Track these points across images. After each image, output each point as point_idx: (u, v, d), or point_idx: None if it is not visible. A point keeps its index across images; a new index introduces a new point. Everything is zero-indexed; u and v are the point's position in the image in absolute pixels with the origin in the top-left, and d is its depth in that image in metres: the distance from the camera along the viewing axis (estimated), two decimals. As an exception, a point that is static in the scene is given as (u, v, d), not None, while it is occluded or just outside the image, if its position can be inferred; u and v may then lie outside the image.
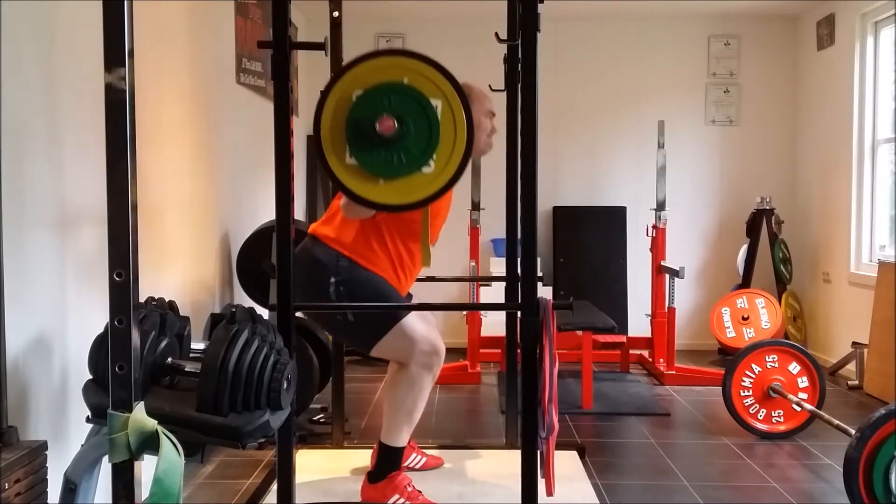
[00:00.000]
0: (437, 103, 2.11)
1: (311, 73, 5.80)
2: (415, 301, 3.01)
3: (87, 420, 1.86)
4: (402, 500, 2.73)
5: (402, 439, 2.78)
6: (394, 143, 2.09)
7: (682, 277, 4.92)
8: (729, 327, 5.58)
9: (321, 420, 3.87)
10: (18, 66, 2.05)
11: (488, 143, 3.01)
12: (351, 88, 2.11)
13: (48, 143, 2.24)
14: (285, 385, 1.86)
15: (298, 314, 2.59)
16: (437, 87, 2.12)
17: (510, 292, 3.24)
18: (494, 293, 5.31)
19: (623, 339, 5.32)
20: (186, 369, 1.90)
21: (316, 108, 2.11)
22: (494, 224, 5.23)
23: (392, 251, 2.78)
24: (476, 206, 5.22)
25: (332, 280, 2.68)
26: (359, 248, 2.73)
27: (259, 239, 3.82)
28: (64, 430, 2.29)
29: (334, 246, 2.74)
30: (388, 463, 2.77)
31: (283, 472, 2.30)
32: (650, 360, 5.32)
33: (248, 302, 3.84)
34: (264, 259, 3.70)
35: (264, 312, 2.92)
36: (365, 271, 2.73)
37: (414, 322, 2.72)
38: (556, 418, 2.22)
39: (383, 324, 2.70)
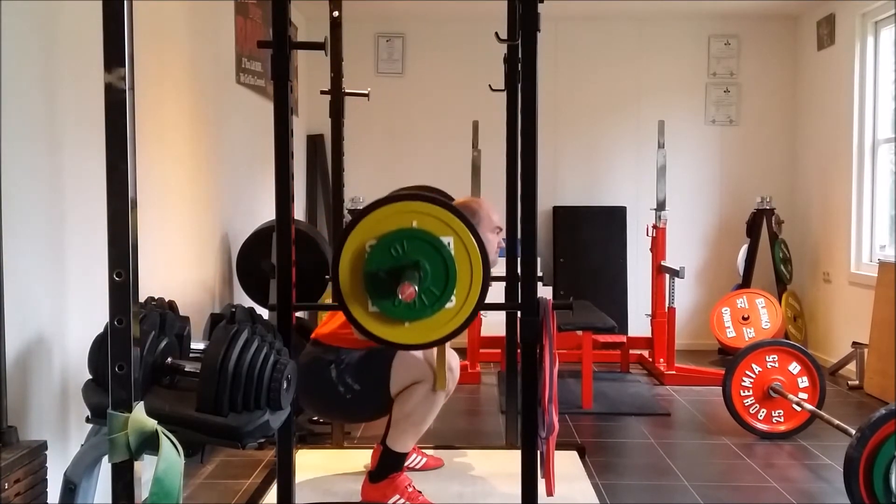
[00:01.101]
0: (448, 240, 2.13)
1: (311, 73, 5.81)
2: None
3: (87, 420, 1.86)
4: (402, 501, 2.73)
5: (407, 446, 2.79)
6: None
7: (682, 277, 4.92)
8: (729, 327, 5.58)
9: (321, 420, 3.87)
10: (18, 66, 2.05)
11: (495, 259, 3.00)
12: (364, 239, 2.13)
13: (48, 143, 2.24)
14: (285, 385, 1.86)
15: (298, 314, 2.59)
16: (446, 224, 2.14)
17: (510, 292, 3.24)
18: (494, 293, 5.30)
19: (623, 339, 5.32)
20: (186, 369, 1.90)
21: (332, 263, 2.13)
22: (494, 224, 5.23)
23: None
24: (476, 206, 5.21)
25: (333, 366, 2.70)
26: (356, 342, 2.69)
27: (259, 239, 3.82)
28: (64, 430, 2.29)
29: (331, 341, 2.76)
30: (390, 465, 2.77)
31: (283, 472, 2.30)
32: (650, 360, 5.31)
33: (248, 302, 3.84)
34: (264, 259, 3.70)
35: (264, 312, 2.92)
36: (367, 351, 2.73)
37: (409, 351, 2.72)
38: (556, 418, 2.22)
39: (384, 363, 2.70)
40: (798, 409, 3.73)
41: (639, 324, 5.86)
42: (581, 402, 4.36)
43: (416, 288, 2.07)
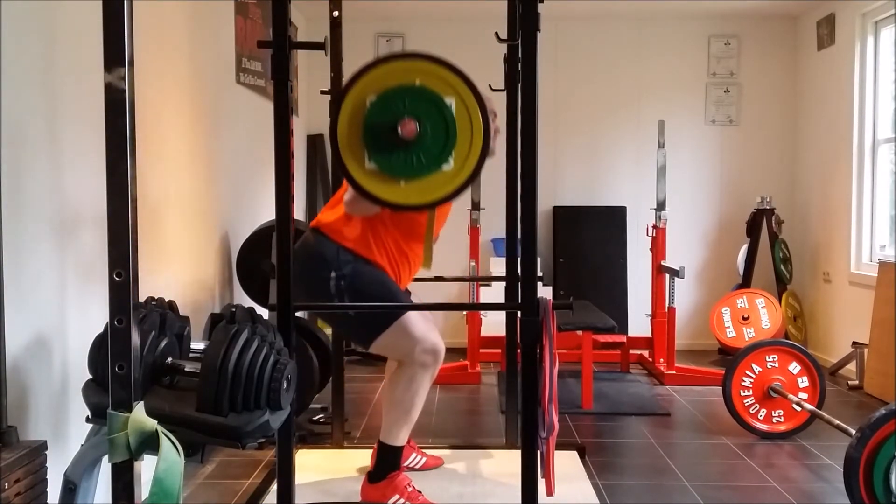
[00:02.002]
0: (451, 101, 2.12)
1: (311, 73, 5.81)
2: (414, 300, 3.01)
3: (87, 420, 1.86)
4: (402, 500, 2.73)
5: (400, 438, 2.78)
6: (413, 145, 2.11)
7: (682, 277, 4.92)
8: (729, 327, 5.58)
9: (321, 420, 3.87)
10: (18, 66, 2.05)
11: (493, 146, 3.00)
12: (364, 94, 2.12)
13: (48, 142, 2.24)
14: (285, 385, 1.86)
15: (298, 314, 2.59)
16: (450, 85, 2.13)
17: (510, 292, 3.24)
18: (494, 293, 5.31)
19: (623, 339, 5.32)
20: (186, 369, 1.90)
21: (331, 117, 2.12)
22: (494, 224, 5.23)
23: (393, 249, 2.78)
24: (476, 206, 5.21)
25: (333, 275, 2.68)
26: (360, 241, 2.73)
27: (259, 239, 3.82)
28: (64, 430, 2.29)
29: (336, 238, 2.73)
30: (387, 462, 2.77)
31: (283, 472, 2.30)
32: (650, 360, 5.32)
33: (248, 302, 3.84)
34: (264, 259, 3.70)
35: (264, 312, 2.92)
36: (366, 264, 2.72)
37: (415, 319, 2.72)
38: (556, 418, 2.22)
39: (384, 319, 2.69)
40: (798, 409, 3.73)
41: (639, 324, 5.86)
42: (581, 402, 4.36)
43: (418, 126, 2.05)
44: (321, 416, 3.90)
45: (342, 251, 2.71)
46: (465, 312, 5.35)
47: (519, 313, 2.28)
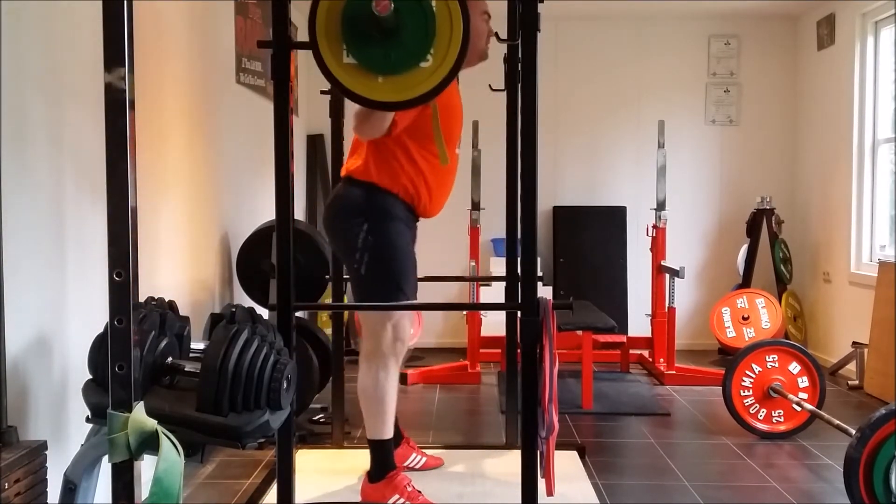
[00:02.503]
0: None
1: (311, 73, 5.80)
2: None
3: (87, 420, 1.86)
4: (401, 500, 2.72)
5: (384, 431, 2.77)
6: (391, 39, 2.04)
7: (682, 277, 4.92)
8: (729, 327, 5.58)
9: (321, 420, 3.87)
10: (18, 66, 2.05)
11: (485, 49, 2.94)
12: None
13: (48, 142, 2.24)
14: (285, 385, 1.86)
15: (298, 314, 2.59)
16: None
17: (510, 292, 3.24)
18: (494, 293, 5.31)
19: (623, 338, 5.32)
20: (186, 369, 1.90)
21: (309, 13, 2.07)
22: (494, 224, 5.23)
23: (412, 172, 2.75)
24: (476, 206, 5.22)
25: (364, 227, 2.68)
26: (382, 171, 2.71)
27: (259, 239, 3.82)
28: (64, 430, 2.29)
29: (361, 177, 2.73)
30: (380, 458, 2.77)
31: (283, 472, 2.29)
32: (650, 359, 5.32)
33: (248, 302, 3.84)
34: (264, 259, 3.70)
35: (264, 312, 2.92)
36: (393, 205, 2.72)
37: (400, 311, 2.76)
38: (556, 418, 2.22)
39: (387, 289, 2.70)
40: (798, 408, 3.73)
41: (639, 324, 5.86)
42: (581, 402, 4.36)
43: (391, 2, 1.97)
44: (321, 416, 3.90)
45: (369, 191, 2.71)
46: (465, 312, 5.35)
47: (519, 313, 2.28)
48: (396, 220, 2.74)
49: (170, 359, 1.92)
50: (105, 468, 1.65)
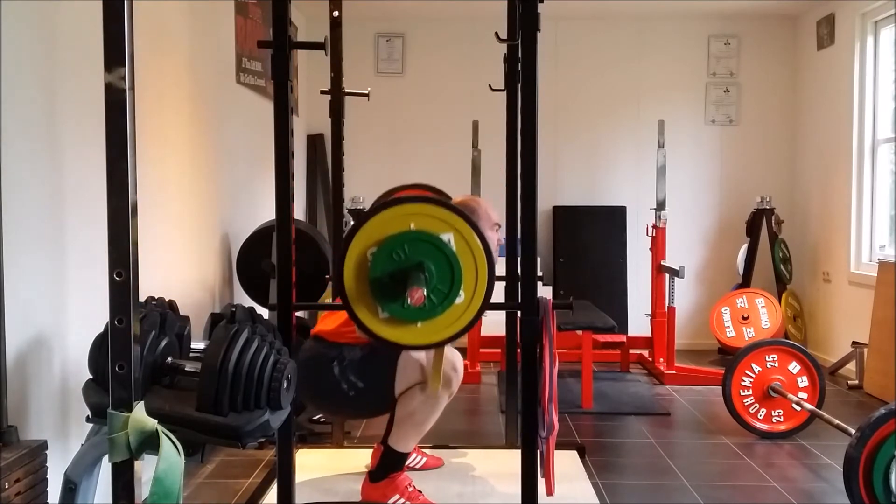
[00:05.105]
0: (448, 237, 2.13)
1: (311, 72, 5.81)
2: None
3: (87, 420, 1.86)
4: (402, 500, 2.73)
5: (409, 446, 2.79)
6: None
7: (682, 277, 4.92)
8: (729, 327, 5.58)
9: (321, 420, 3.87)
10: (18, 66, 2.06)
11: (495, 257, 3.01)
12: (365, 247, 2.13)
13: (48, 142, 2.24)
14: (285, 385, 1.86)
15: (298, 314, 2.60)
16: (444, 221, 2.14)
17: (510, 292, 3.24)
18: (494, 293, 5.30)
19: (623, 338, 5.32)
20: (186, 369, 1.90)
21: (335, 274, 2.13)
22: (494, 224, 5.22)
23: None
24: (476, 206, 5.21)
25: (335, 363, 2.70)
26: (360, 337, 2.70)
27: (259, 239, 3.83)
28: (64, 430, 2.29)
29: (334, 338, 2.76)
30: (391, 465, 2.77)
31: (283, 472, 2.30)
32: (650, 359, 5.32)
33: (248, 302, 3.84)
34: (264, 259, 3.70)
35: (264, 312, 2.92)
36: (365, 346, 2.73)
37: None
38: (556, 418, 2.22)
39: (389, 361, 2.69)
40: (798, 408, 3.73)
41: (639, 324, 5.86)
42: (581, 402, 4.36)
43: (425, 291, 2.07)
44: (321, 416, 3.90)
45: (345, 347, 2.73)
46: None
47: (519, 313, 2.28)
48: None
49: (170, 359, 1.92)
50: (105, 468, 1.65)
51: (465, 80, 6.01)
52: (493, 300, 2.20)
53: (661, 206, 5.14)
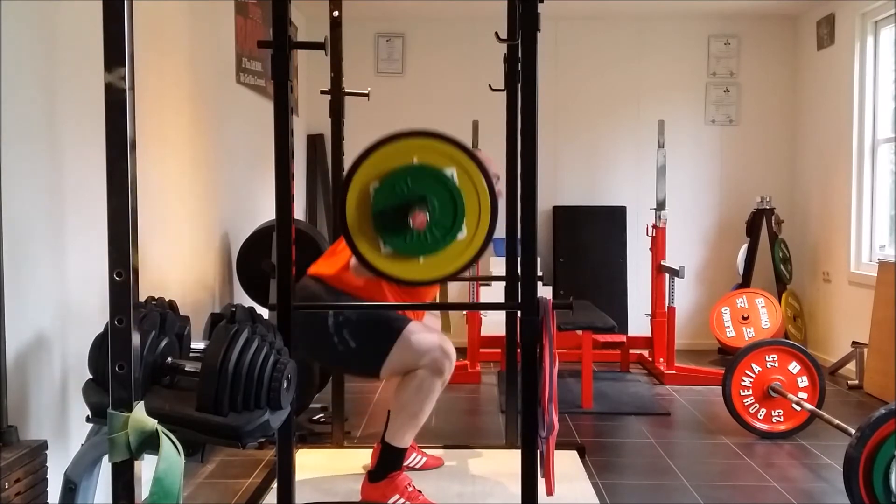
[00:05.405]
0: (451, 172, 2.14)
1: (311, 72, 5.81)
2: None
3: (87, 420, 1.86)
4: (402, 500, 2.73)
5: (406, 440, 2.78)
6: (425, 223, 2.13)
7: (682, 277, 4.92)
8: (729, 327, 5.58)
9: (321, 420, 3.87)
10: (18, 66, 2.06)
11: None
12: (366, 181, 2.13)
13: (48, 142, 2.24)
14: (285, 385, 1.86)
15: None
16: (447, 156, 2.14)
17: (510, 292, 3.24)
18: (494, 293, 5.31)
19: (623, 338, 5.32)
20: (186, 369, 1.90)
21: (336, 210, 2.13)
22: (494, 224, 5.22)
23: (399, 293, 2.79)
24: (476, 206, 5.21)
25: (331, 313, 2.68)
26: (364, 288, 2.73)
27: (259, 239, 3.82)
28: (64, 430, 2.29)
29: (338, 286, 2.74)
30: (389, 462, 2.77)
31: (283, 472, 2.30)
32: (650, 359, 5.32)
33: (248, 302, 3.84)
34: (264, 259, 3.70)
35: (264, 312, 2.92)
36: (363, 301, 2.73)
37: (417, 331, 2.71)
38: (556, 418, 2.22)
39: (387, 338, 2.68)
40: (798, 408, 3.73)
41: (639, 324, 5.87)
42: (581, 402, 4.36)
43: (427, 215, 2.06)
44: (321, 415, 3.90)
45: (343, 297, 2.71)
46: (465, 312, 5.35)
47: (519, 313, 2.28)
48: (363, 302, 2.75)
49: (170, 358, 1.92)
50: (105, 468, 1.65)
51: (465, 80, 6.01)
52: (492, 300, 2.20)
53: (661, 206, 5.14)
